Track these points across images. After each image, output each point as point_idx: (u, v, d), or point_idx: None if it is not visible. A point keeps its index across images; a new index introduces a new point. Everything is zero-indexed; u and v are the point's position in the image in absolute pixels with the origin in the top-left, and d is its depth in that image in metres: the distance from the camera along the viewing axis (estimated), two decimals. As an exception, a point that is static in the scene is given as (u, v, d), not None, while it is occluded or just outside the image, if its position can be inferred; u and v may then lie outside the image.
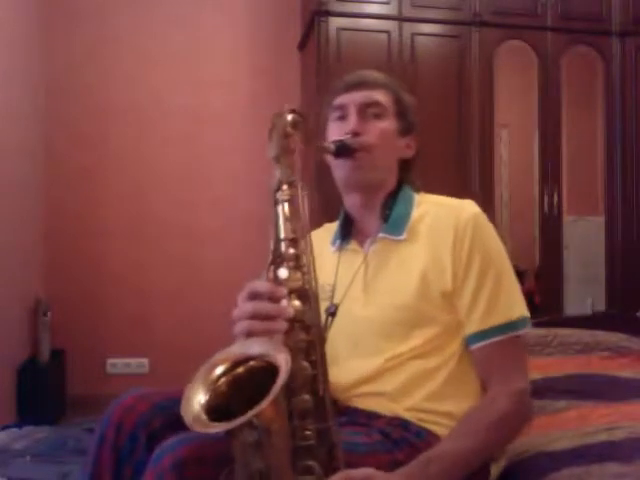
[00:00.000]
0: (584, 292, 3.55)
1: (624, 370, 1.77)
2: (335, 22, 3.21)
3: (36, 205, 3.32)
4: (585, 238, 3.56)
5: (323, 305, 1.20)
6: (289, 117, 1.05)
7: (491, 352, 1.13)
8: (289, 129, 1.04)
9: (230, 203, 3.61)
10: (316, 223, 1.33)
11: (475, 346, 1.14)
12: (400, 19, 3.28)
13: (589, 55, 3.57)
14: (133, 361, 3.50)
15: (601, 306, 3.55)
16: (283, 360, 0.85)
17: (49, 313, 3.20)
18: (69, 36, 3.47)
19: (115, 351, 3.49)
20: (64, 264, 3.43)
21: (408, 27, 3.29)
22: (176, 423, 1.02)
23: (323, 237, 1.35)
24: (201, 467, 0.93)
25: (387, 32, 3.27)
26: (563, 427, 1.30)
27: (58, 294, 3.37)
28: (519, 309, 1.15)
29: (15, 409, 2.94)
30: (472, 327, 1.14)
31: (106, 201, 3.51)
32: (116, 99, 3.51)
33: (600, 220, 3.57)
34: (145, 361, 3.50)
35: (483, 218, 1.18)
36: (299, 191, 1.03)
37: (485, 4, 3.36)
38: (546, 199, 3.46)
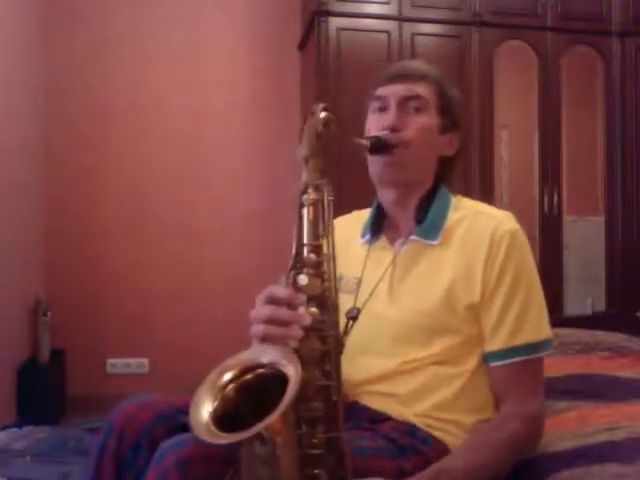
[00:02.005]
0: (584, 292, 3.55)
1: (624, 370, 1.77)
2: (335, 22, 3.21)
3: (36, 205, 3.32)
4: (585, 238, 3.56)
5: (346, 297, 1.18)
6: (321, 115, 1.00)
7: (511, 371, 1.11)
8: (320, 128, 1.00)
9: (230, 203, 3.61)
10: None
11: (495, 363, 1.12)
12: (400, 19, 3.28)
13: (589, 55, 3.57)
14: (133, 361, 3.50)
15: (601, 306, 3.55)
16: (293, 371, 0.84)
17: (49, 313, 3.20)
18: (69, 36, 3.47)
19: (115, 351, 3.48)
20: (64, 264, 3.43)
21: (408, 27, 3.29)
22: (179, 431, 1.02)
23: (353, 225, 1.32)
24: (205, 465, 0.93)
25: (387, 32, 3.27)
26: (563, 428, 1.30)
27: (58, 294, 3.36)
28: (545, 331, 1.13)
29: (15, 409, 2.93)
30: (495, 344, 1.12)
31: (106, 201, 3.51)
32: (116, 99, 3.51)
33: (600, 220, 3.57)
34: (145, 361, 3.50)
35: (521, 234, 1.15)
36: (325, 195, 0.99)
37: (485, 4, 3.36)
38: (546, 199, 3.46)
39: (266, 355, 0.90)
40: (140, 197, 3.54)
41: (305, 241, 0.98)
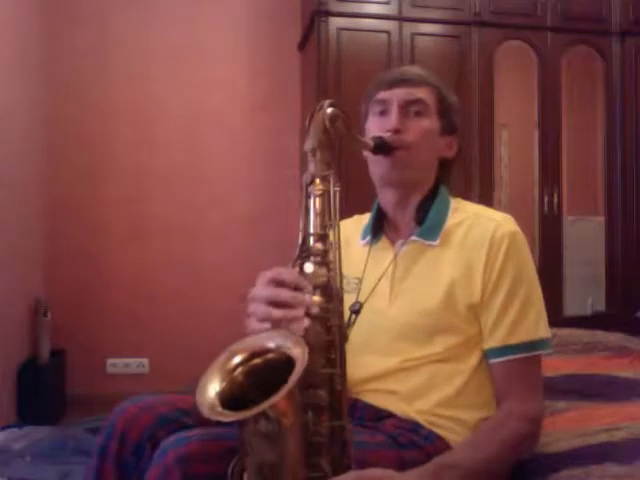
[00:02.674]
0: (584, 292, 3.55)
1: (624, 370, 1.77)
2: (335, 22, 3.21)
3: (36, 205, 3.32)
4: (585, 238, 3.56)
5: (347, 298, 1.19)
6: (328, 110, 1.03)
7: (509, 369, 1.12)
8: (327, 123, 1.03)
9: (230, 203, 3.61)
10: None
11: (495, 360, 1.13)
12: (400, 19, 3.28)
13: (589, 55, 3.57)
14: (133, 361, 3.50)
15: (601, 306, 3.55)
16: (300, 354, 0.85)
17: (49, 313, 3.20)
18: (69, 36, 3.47)
19: (115, 351, 3.49)
20: (64, 264, 3.43)
21: (408, 27, 3.29)
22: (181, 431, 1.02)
23: (353, 228, 1.34)
24: (206, 463, 0.93)
25: (387, 32, 3.27)
26: (563, 428, 1.30)
27: (58, 294, 3.37)
28: (543, 331, 1.14)
29: (15, 409, 2.94)
30: (495, 341, 1.13)
31: (106, 201, 3.51)
32: (116, 99, 3.51)
33: (600, 220, 3.57)
34: (145, 361, 3.51)
35: (520, 236, 1.16)
36: (331, 186, 1.01)
37: (485, 4, 3.36)
38: (546, 199, 3.46)
39: (273, 339, 0.91)
40: (140, 197, 3.54)
41: (311, 231, 1.00)
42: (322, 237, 0.99)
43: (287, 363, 0.86)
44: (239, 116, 3.64)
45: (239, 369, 0.90)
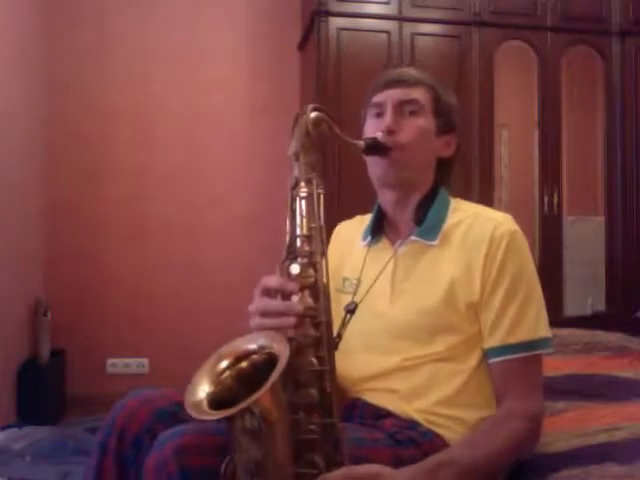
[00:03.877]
0: (584, 292, 3.55)
1: (624, 370, 1.77)
2: (335, 22, 3.21)
3: (36, 205, 3.32)
4: (585, 238, 3.56)
5: (346, 298, 1.21)
6: (312, 115, 1.05)
7: (509, 368, 1.12)
8: (311, 127, 1.04)
9: (230, 203, 3.61)
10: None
11: (495, 359, 1.13)
12: (400, 19, 3.28)
13: (589, 55, 3.57)
14: (133, 361, 3.50)
15: (601, 306, 3.55)
16: (282, 350, 0.87)
17: (49, 313, 3.20)
18: (69, 36, 3.47)
19: (115, 351, 3.49)
20: (64, 264, 3.43)
21: (408, 27, 3.29)
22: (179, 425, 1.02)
23: (354, 229, 1.35)
24: (202, 456, 0.94)
25: (387, 32, 3.27)
26: (563, 428, 1.30)
27: (58, 294, 3.37)
28: (543, 329, 1.14)
29: (15, 409, 2.94)
30: (494, 340, 1.13)
31: (106, 201, 3.51)
32: (116, 99, 3.51)
33: (600, 220, 3.57)
34: (145, 361, 3.51)
35: (520, 235, 1.17)
36: (315, 188, 1.03)
37: (485, 4, 3.36)
38: (546, 199, 3.46)
39: (256, 341, 0.94)
40: (140, 197, 3.54)
41: (297, 232, 1.02)
42: (308, 238, 1.01)
43: (273, 363, 0.87)
44: (239, 116, 3.64)
45: (227, 373, 0.93)
